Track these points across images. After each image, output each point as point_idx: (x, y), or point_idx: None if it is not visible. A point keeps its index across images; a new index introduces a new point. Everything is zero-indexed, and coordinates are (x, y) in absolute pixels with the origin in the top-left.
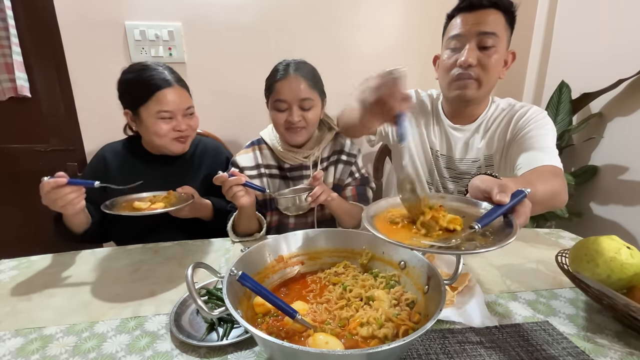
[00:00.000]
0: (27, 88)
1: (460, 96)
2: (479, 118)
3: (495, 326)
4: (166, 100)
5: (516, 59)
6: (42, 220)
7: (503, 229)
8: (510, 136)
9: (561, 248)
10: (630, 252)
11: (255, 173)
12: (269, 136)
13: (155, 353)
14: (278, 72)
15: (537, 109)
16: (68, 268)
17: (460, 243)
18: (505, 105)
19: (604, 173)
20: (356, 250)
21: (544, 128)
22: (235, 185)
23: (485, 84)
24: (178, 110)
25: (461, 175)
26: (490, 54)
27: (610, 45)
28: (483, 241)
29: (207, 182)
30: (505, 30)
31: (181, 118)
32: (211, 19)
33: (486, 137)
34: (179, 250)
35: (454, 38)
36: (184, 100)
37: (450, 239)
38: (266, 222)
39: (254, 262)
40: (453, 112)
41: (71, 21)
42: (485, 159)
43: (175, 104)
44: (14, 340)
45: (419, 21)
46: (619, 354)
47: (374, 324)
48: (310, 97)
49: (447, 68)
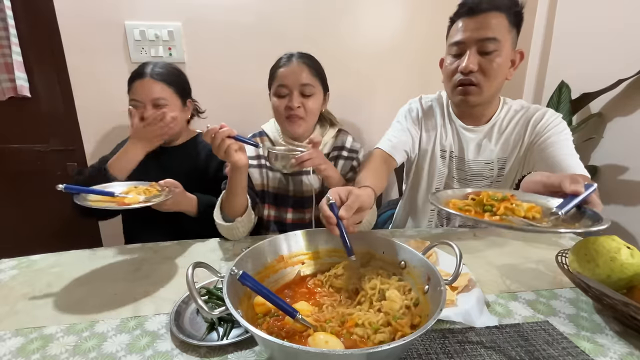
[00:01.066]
0: (27, 88)
1: (464, 101)
2: (492, 119)
3: (495, 326)
4: (135, 90)
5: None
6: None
7: (582, 219)
8: (529, 141)
9: (561, 248)
10: (630, 252)
11: (256, 163)
12: (271, 129)
13: (155, 353)
14: (281, 60)
15: (552, 112)
16: (68, 268)
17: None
18: (518, 107)
19: (604, 173)
20: (356, 249)
21: (564, 133)
22: (227, 138)
23: (487, 89)
24: (146, 100)
25: (472, 177)
26: (492, 59)
27: (610, 45)
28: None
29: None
30: (508, 31)
31: (150, 108)
32: (211, 19)
33: (501, 140)
34: (179, 250)
35: (455, 45)
36: (153, 91)
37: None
38: (264, 216)
39: (254, 262)
40: (462, 114)
41: (71, 21)
42: (498, 161)
43: (143, 94)
44: (14, 340)
45: (419, 21)
46: (619, 354)
47: (369, 329)
48: (311, 83)
49: (450, 74)
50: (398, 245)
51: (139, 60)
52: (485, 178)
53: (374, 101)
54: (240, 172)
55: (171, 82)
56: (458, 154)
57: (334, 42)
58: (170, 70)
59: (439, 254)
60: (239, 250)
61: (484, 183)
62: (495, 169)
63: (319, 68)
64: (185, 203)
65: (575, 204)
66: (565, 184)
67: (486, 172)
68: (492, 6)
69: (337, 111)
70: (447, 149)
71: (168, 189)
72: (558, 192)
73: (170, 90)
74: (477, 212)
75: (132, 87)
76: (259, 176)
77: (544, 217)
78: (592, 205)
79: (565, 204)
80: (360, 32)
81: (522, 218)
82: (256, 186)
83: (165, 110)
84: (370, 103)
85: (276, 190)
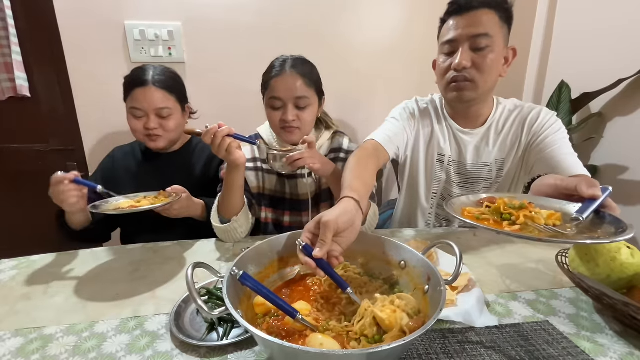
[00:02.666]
0: (26, 88)
1: (458, 98)
2: (487, 120)
3: (495, 326)
4: (137, 98)
5: (516, 58)
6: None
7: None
8: (526, 141)
9: (561, 248)
10: (630, 252)
11: (252, 166)
12: (266, 132)
13: (155, 353)
14: (274, 69)
15: (547, 111)
16: (68, 268)
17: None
18: (512, 107)
19: (604, 173)
20: (356, 250)
21: (560, 131)
22: (227, 136)
23: (482, 84)
24: (149, 110)
25: (472, 181)
26: (485, 55)
27: (610, 45)
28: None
29: (203, 181)
30: (500, 28)
31: (153, 117)
32: (211, 19)
33: (498, 141)
34: (179, 250)
35: (447, 43)
36: (157, 100)
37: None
38: (261, 219)
39: (254, 262)
40: (457, 115)
41: (71, 21)
42: (496, 163)
43: (146, 103)
44: (14, 340)
45: (418, 22)
46: (619, 354)
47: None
48: (306, 95)
49: (443, 72)
50: (398, 245)
51: (138, 60)
52: (484, 180)
53: (373, 101)
54: (238, 170)
55: (172, 89)
56: (457, 159)
57: (333, 41)
58: (170, 76)
59: (439, 254)
60: (239, 250)
61: (483, 185)
62: (493, 171)
63: (313, 75)
64: (193, 208)
65: (595, 209)
66: (582, 187)
67: (485, 175)
68: (482, 3)
69: (336, 111)
70: (445, 154)
71: (176, 194)
72: (573, 196)
73: (172, 98)
74: (495, 222)
75: (132, 94)
76: (254, 179)
77: (564, 223)
78: (610, 209)
79: (585, 209)
80: (360, 32)
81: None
82: (252, 189)
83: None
84: (369, 103)
85: (273, 193)
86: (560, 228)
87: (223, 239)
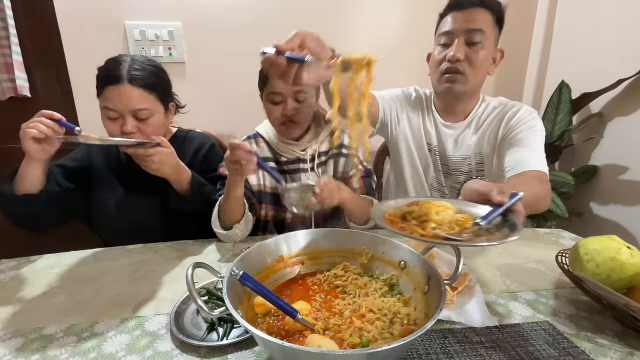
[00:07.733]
0: (26, 88)
1: (449, 89)
2: (469, 115)
3: (495, 326)
4: (110, 97)
5: (516, 59)
6: None
7: (503, 227)
8: (501, 136)
9: (561, 248)
10: (630, 252)
11: None
12: (265, 129)
13: (155, 353)
14: None
15: (527, 109)
16: (68, 268)
17: (471, 238)
18: (496, 104)
19: (604, 173)
20: (356, 250)
21: (533, 129)
22: (247, 153)
23: (473, 78)
24: (125, 111)
25: (452, 172)
26: (478, 50)
27: (610, 45)
28: (491, 237)
29: None
30: (492, 28)
31: (130, 119)
32: (211, 19)
33: (477, 135)
34: (179, 250)
35: (444, 35)
36: (133, 100)
37: (461, 233)
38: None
39: (254, 262)
40: (444, 108)
41: (71, 21)
42: (475, 156)
43: (120, 104)
44: (14, 340)
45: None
46: (619, 354)
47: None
48: (303, 88)
49: (437, 63)
50: (398, 245)
51: None
52: (464, 173)
53: None
54: (242, 179)
55: (152, 86)
56: (439, 149)
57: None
58: (150, 70)
59: (439, 254)
60: (239, 250)
61: (465, 177)
62: (472, 164)
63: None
64: (177, 169)
65: (498, 214)
66: (492, 194)
67: (464, 167)
68: (481, 3)
69: None
70: (432, 143)
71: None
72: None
73: (152, 96)
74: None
75: (104, 92)
76: (255, 177)
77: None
78: (515, 214)
79: (490, 214)
80: (360, 32)
81: (440, 232)
82: (253, 186)
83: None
84: None
85: (274, 191)
86: (464, 231)
87: (224, 240)
